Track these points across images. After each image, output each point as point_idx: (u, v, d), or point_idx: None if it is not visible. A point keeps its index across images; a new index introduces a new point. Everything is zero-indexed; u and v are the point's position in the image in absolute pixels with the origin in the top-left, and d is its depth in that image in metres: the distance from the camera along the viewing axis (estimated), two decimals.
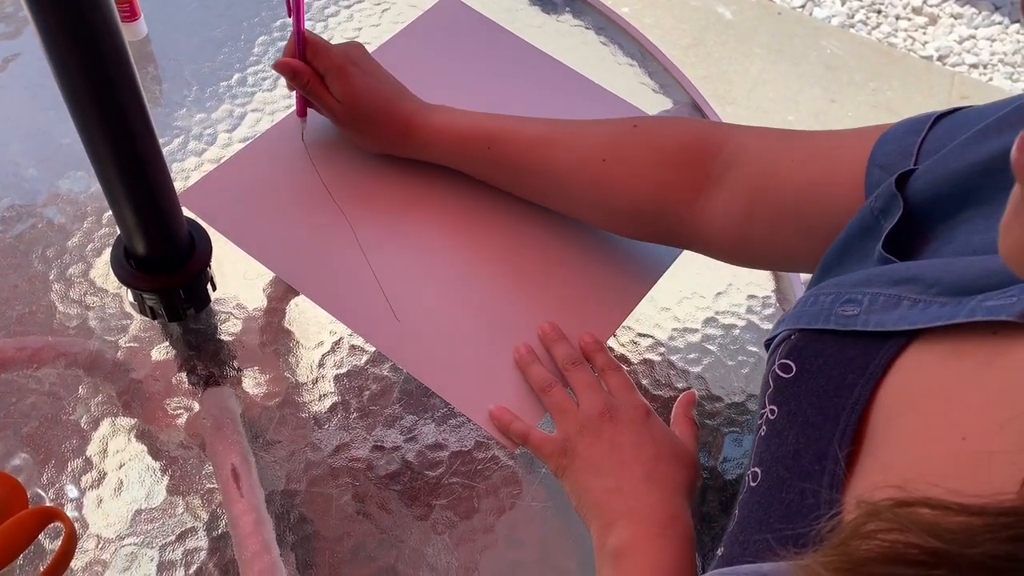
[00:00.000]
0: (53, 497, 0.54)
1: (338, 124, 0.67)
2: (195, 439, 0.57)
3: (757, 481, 0.40)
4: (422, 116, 0.65)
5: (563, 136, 0.62)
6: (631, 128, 0.60)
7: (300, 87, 0.65)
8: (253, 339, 0.61)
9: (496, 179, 0.66)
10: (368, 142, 0.67)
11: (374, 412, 0.59)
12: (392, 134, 0.66)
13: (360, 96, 0.64)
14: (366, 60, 0.66)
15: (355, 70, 0.64)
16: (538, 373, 0.59)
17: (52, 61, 0.43)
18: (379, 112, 0.64)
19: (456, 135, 0.64)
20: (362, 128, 0.66)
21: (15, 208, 0.65)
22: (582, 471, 0.53)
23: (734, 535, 0.40)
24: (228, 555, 0.53)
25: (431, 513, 0.55)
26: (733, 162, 0.55)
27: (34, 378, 0.58)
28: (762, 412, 0.42)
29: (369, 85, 0.64)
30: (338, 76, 0.63)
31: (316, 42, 0.63)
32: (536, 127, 0.63)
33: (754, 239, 0.54)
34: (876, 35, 2.09)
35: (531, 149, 0.62)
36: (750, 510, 0.40)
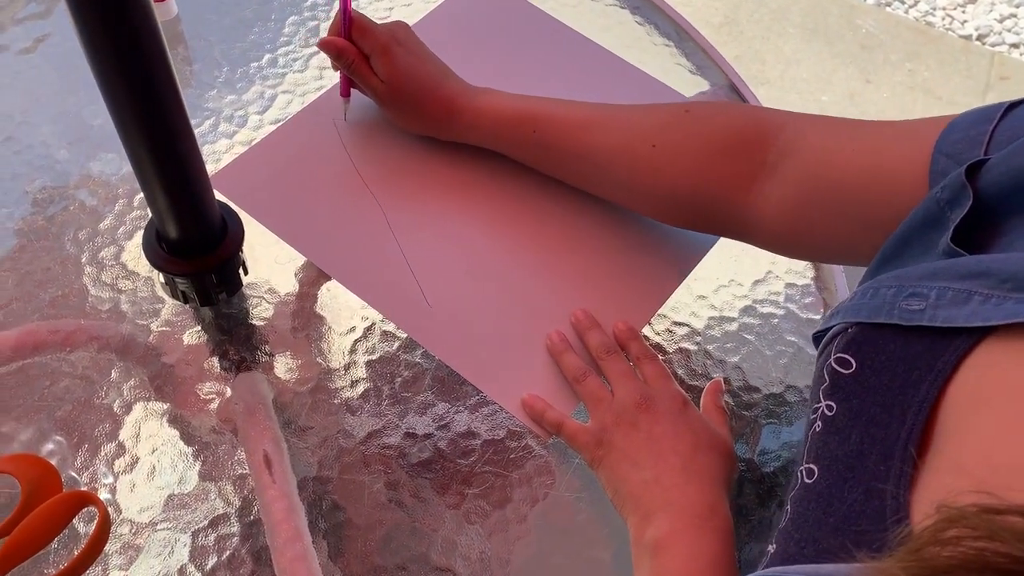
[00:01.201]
0: (87, 481, 0.54)
1: (381, 105, 0.66)
2: (227, 424, 0.56)
3: (814, 478, 0.39)
4: (466, 98, 0.64)
5: (612, 120, 0.60)
6: (683, 113, 0.59)
7: (344, 66, 0.64)
8: (285, 324, 0.61)
9: (541, 163, 0.65)
10: (410, 123, 0.66)
11: (406, 399, 0.58)
12: (435, 116, 0.65)
13: (404, 76, 0.63)
14: (411, 40, 0.65)
15: (400, 50, 0.63)
16: (572, 361, 0.58)
17: (84, 41, 0.42)
18: (423, 93, 0.64)
19: (501, 117, 0.63)
20: (405, 109, 0.65)
21: (47, 190, 0.65)
22: (619, 462, 0.52)
23: (788, 532, 0.39)
24: (260, 542, 0.52)
25: (463, 502, 0.55)
26: (790, 150, 0.53)
27: (67, 361, 0.58)
28: (816, 407, 0.41)
29: (413, 65, 0.63)
30: (383, 56, 0.62)
31: (362, 21, 0.63)
32: (583, 110, 0.62)
33: (809, 229, 0.53)
34: (913, 13, 2.04)
35: (578, 133, 0.61)
36: (805, 507, 0.38)
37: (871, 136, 0.50)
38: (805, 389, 0.61)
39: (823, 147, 0.52)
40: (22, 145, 0.67)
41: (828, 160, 0.51)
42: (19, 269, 0.61)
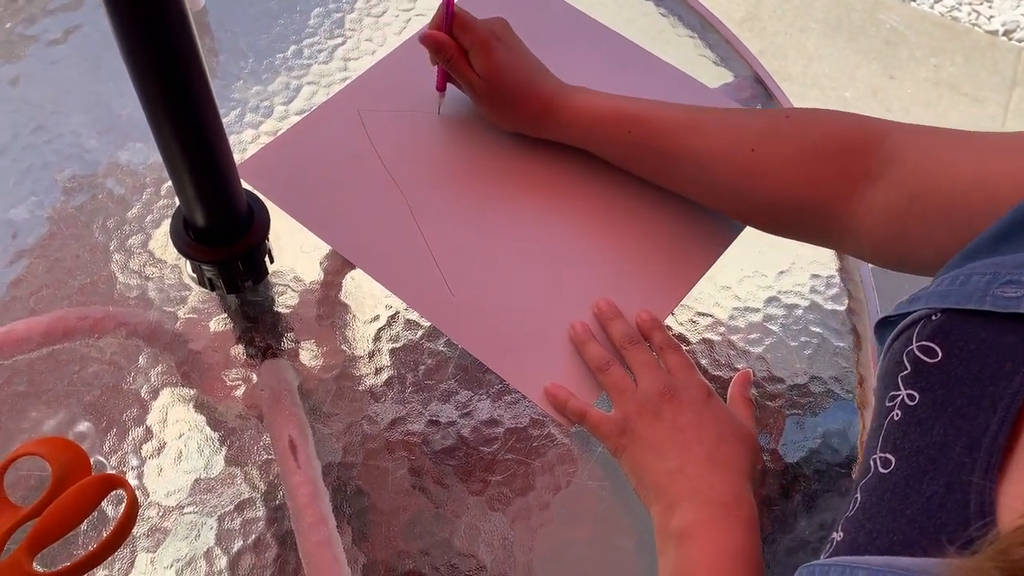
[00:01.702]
0: (115, 465, 0.55)
1: (476, 100, 0.66)
2: (253, 410, 0.57)
3: (890, 468, 0.38)
4: (562, 96, 0.64)
5: (710, 123, 0.60)
6: (783, 118, 0.58)
7: (443, 61, 0.64)
8: (310, 312, 0.61)
9: (635, 164, 0.65)
10: (504, 120, 0.67)
11: (429, 387, 0.59)
12: (530, 113, 0.65)
13: (502, 73, 0.63)
14: (510, 37, 0.65)
15: (499, 46, 0.63)
16: (595, 351, 0.58)
17: (116, 32, 0.43)
18: (519, 90, 0.64)
19: (597, 117, 0.63)
20: (500, 105, 0.65)
21: (76, 179, 0.66)
22: (642, 451, 0.52)
23: (858, 521, 0.38)
24: (285, 526, 0.53)
25: (486, 489, 0.55)
26: (893, 159, 0.52)
27: (96, 347, 0.59)
28: (895, 395, 0.40)
29: (512, 62, 0.64)
30: (482, 51, 0.63)
31: (463, 17, 0.63)
32: (680, 112, 0.61)
33: (910, 238, 0.51)
34: (939, 8, 2.02)
35: (675, 134, 0.60)
36: (879, 497, 0.38)
37: (974, 147, 0.49)
38: (829, 380, 0.61)
39: (926, 156, 0.50)
40: (52, 134, 0.68)
41: (931, 170, 0.50)
42: (49, 256, 0.62)
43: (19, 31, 0.74)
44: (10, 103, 0.69)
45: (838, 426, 0.59)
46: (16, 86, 0.70)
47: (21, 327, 0.59)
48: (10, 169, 0.66)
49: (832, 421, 0.59)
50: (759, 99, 0.76)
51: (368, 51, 0.75)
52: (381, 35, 0.76)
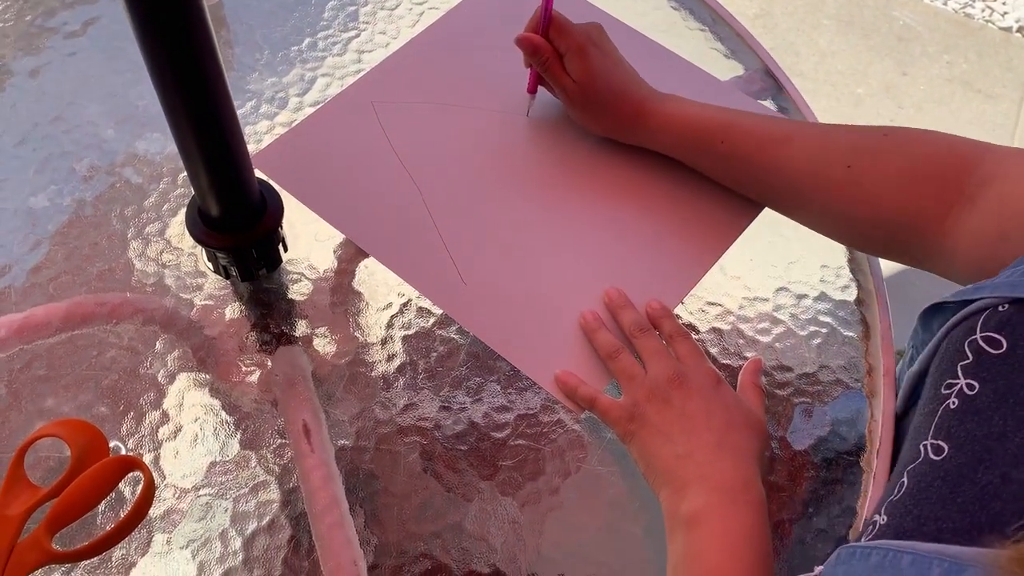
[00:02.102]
0: (132, 447, 0.55)
1: (568, 104, 0.66)
2: (267, 395, 0.58)
3: (942, 456, 0.39)
4: (654, 103, 0.64)
5: (804, 137, 0.60)
6: (880, 136, 0.57)
7: (539, 64, 0.65)
8: (323, 299, 0.62)
9: (725, 174, 0.65)
10: (595, 124, 0.67)
11: (441, 373, 0.59)
12: (622, 119, 0.65)
13: (597, 78, 0.63)
14: (606, 43, 0.65)
15: (595, 51, 0.63)
16: (605, 339, 0.59)
17: (134, 23, 0.44)
18: (613, 96, 0.64)
19: (689, 125, 0.63)
20: (593, 110, 0.65)
21: (94, 168, 0.67)
22: (651, 436, 0.52)
23: (904, 506, 0.38)
24: (299, 508, 0.54)
25: (497, 474, 0.56)
26: (989, 180, 0.52)
27: (113, 332, 0.60)
28: (952, 383, 0.40)
29: (607, 68, 0.64)
30: (578, 56, 0.63)
31: (560, 21, 0.63)
32: (774, 124, 0.61)
33: (1003, 262, 0.49)
34: (952, 5, 2.01)
35: (768, 146, 0.60)
36: (929, 483, 0.38)
37: None
38: (838, 369, 0.61)
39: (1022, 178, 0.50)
40: (71, 124, 0.69)
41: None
42: (68, 244, 0.63)
43: (39, 23, 0.75)
44: (30, 94, 0.71)
45: (847, 415, 0.60)
46: (36, 77, 0.71)
47: (41, 313, 0.60)
48: (30, 158, 0.67)
49: (841, 410, 0.60)
50: (769, 92, 0.76)
51: (382, 44, 0.76)
52: (395, 28, 0.77)
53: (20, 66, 0.72)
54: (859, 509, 0.56)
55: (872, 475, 0.56)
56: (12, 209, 0.64)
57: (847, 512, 0.56)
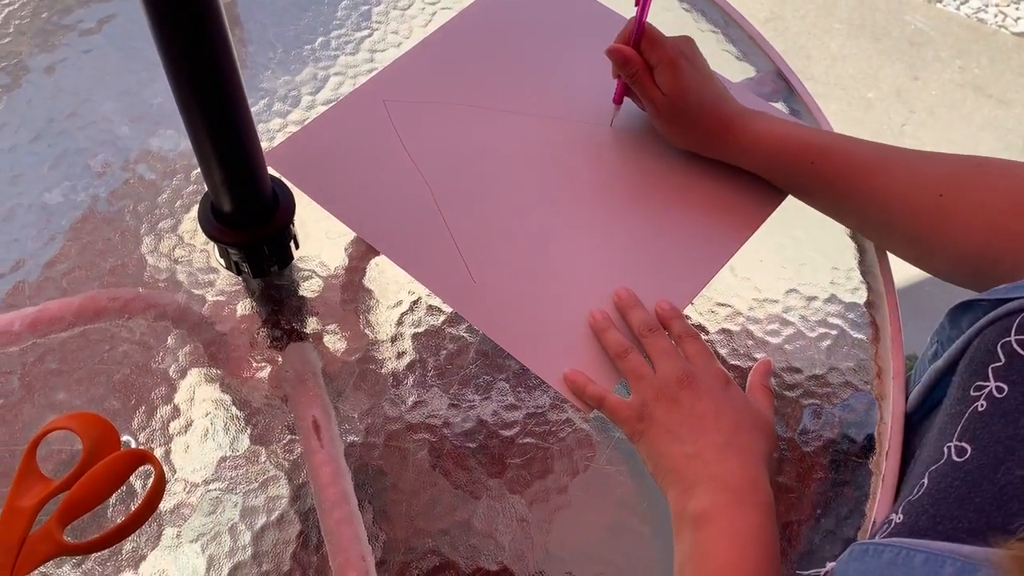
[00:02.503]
0: (143, 441, 0.56)
1: (656, 117, 0.66)
2: (278, 391, 0.58)
3: (965, 457, 0.38)
4: (743, 120, 0.64)
5: (895, 164, 0.59)
6: (975, 166, 0.56)
7: (628, 76, 0.64)
8: (334, 296, 0.62)
9: (814, 195, 0.64)
10: (682, 138, 0.66)
11: (450, 371, 0.60)
12: (710, 134, 0.65)
13: (687, 92, 0.63)
14: (698, 57, 0.65)
15: (687, 65, 0.63)
16: (614, 338, 0.59)
17: (151, 21, 0.44)
18: (702, 111, 0.64)
19: (779, 145, 0.63)
20: (681, 124, 0.65)
21: (109, 164, 0.67)
22: (660, 436, 0.52)
23: (921, 506, 0.38)
24: (308, 503, 0.54)
25: (505, 471, 0.56)
26: None
27: (126, 327, 0.60)
28: (982, 386, 0.40)
29: (698, 82, 0.63)
30: (669, 69, 0.62)
31: (652, 33, 0.63)
32: (866, 149, 0.60)
33: None
34: (965, 10, 2.01)
35: (859, 171, 0.59)
36: (948, 484, 0.38)
37: None
38: (847, 371, 0.61)
39: None
40: (86, 121, 0.70)
41: None
42: (81, 239, 0.64)
43: (55, 20, 0.75)
44: (46, 90, 0.71)
45: (855, 417, 0.60)
46: (52, 74, 0.72)
47: (54, 307, 0.60)
48: (45, 154, 0.68)
49: (849, 412, 0.60)
50: (781, 94, 0.76)
51: (394, 43, 0.76)
52: (407, 27, 0.77)
53: (36, 63, 0.73)
54: (868, 511, 0.56)
55: (881, 477, 0.56)
56: (27, 204, 0.65)
57: (856, 514, 0.56)
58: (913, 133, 1.76)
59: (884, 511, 0.55)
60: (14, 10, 0.76)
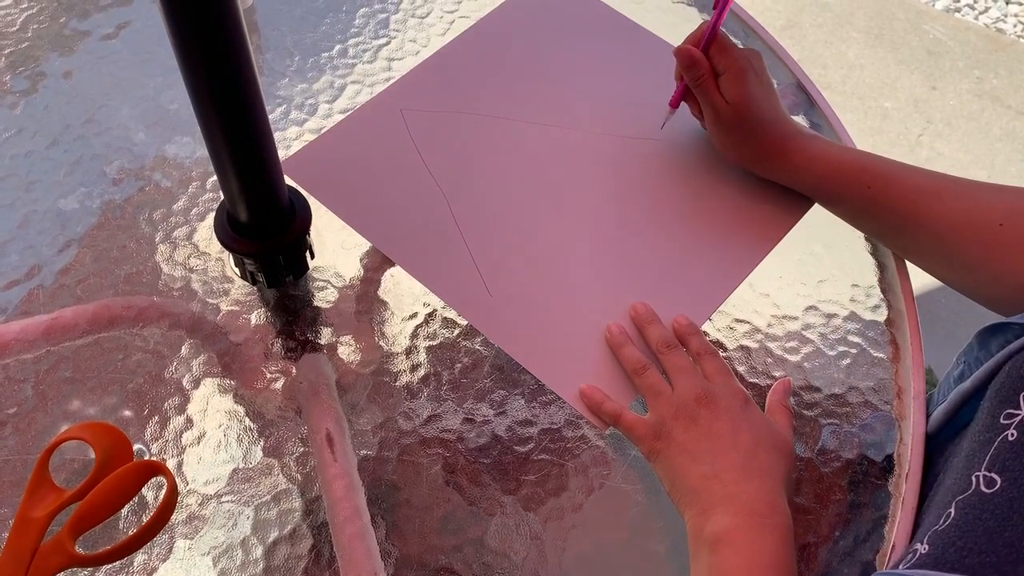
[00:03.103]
0: (156, 452, 0.56)
1: (714, 126, 0.64)
2: (291, 403, 0.58)
3: (994, 488, 0.38)
4: (800, 140, 0.63)
5: (955, 191, 0.58)
6: None
7: (692, 79, 0.63)
8: (349, 307, 0.62)
9: (869, 221, 0.63)
10: (735, 151, 0.65)
11: (465, 385, 0.59)
12: (765, 150, 0.63)
13: (750, 104, 0.62)
14: (764, 71, 0.64)
15: (754, 77, 0.62)
16: (631, 354, 0.58)
17: (169, 27, 0.44)
18: (761, 125, 0.62)
19: (836, 167, 0.61)
20: (737, 136, 0.63)
21: (125, 171, 0.67)
22: (677, 455, 0.52)
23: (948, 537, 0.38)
24: (321, 518, 0.54)
25: (520, 488, 0.55)
26: None
27: (140, 336, 0.60)
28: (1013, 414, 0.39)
29: (762, 95, 0.62)
30: (736, 78, 0.61)
31: (723, 40, 0.62)
32: (924, 176, 0.59)
33: None
34: (983, 20, 1.99)
35: (917, 197, 0.58)
36: (976, 516, 0.37)
37: None
38: (867, 390, 0.61)
39: None
40: (102, 127, 0.69)
41: None
42: (97, 246, 0.63)
43: (72, 26, 0.75)
44: (63, 96, 0.71)
45: (875, 437, 0.59)
46: (69, 79, 0.72)
47: (68, 314, 0.60)
48: (61, 160, 0.67)
49: (869, 432, 0.59)
50: (801, 107, 0.75)
51: (412, 51, 0.76)
52: (425, 36, 0.77)
53: (53, 68, 0.73)
54: (887, 534, 0.55)
55: (901, 500, 0.55)
56: (43, 211, 0.65)
57: (874, 536, 0.55)
58: (930, 144, 1.74)
59: (904, 534, 0.54)
60: (32, 15, 0.76)
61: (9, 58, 0.73)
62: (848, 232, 0.66)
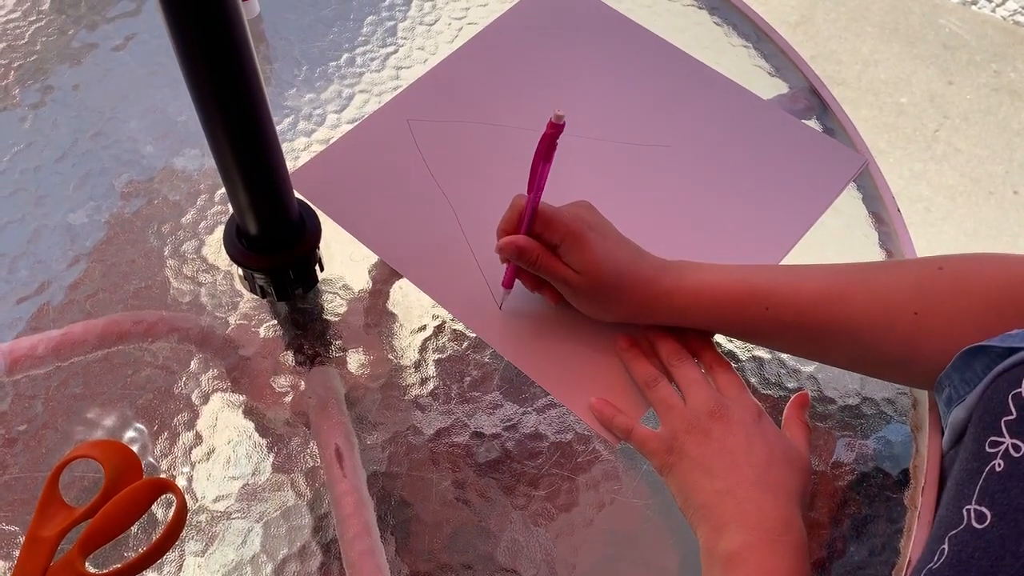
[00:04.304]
0: (165, 468, 0.56)
1: (573, 296, 0.58)
2: (300, 417, 0.58)
3: (985, 524, 0.37)
4: (670, 277, 0.57)
5: (857, 289, 0.54)
6: (937, 272, 0.53)
7: (528, 264, 0.57)
8: (358, 320, 0.62)
9: (773, 340, 0.58)
10: (607, 313, 0.58)
11: (474, 399, 0.59)
12: (637, 301, 0.57)
13: (602, 264, 0.56)
14: (602, 223, 0.58)
15: (593, 236, 0.56)
16: (643, 367, 0.57)
17: (174, 38, 0.43)
18: (623, 279, 0.56)
19: (722, 297, 0.56)
20: (601, 298, 0.57)
21: (133, 184, 0.67)
22: (690, 470, 0.51)
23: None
24: (330, 535, 0.53)
25: (530, 504, 0.55)
26: None
27: (149, 351, 0.60)
28: (998, 442, 0.38)
29: (611, 250, 0.56)
30: (576, 244, 0.55)
31: (548, 212, 0.56)
32: (820, 278, 0.55)
33: None
34: (1000, 12, 1.96)
35: (821, 305, 0.54)
36: (969, 555, 0.37)
37: None
38: (882, 402, 0.60)
39: None
40: (110, 140, 0.69)
41: None
42: (105, 260, 0.63)
43: (81, 38, 0.75)
44: (71, 109, 0.71)
45: (890, 450, 0.58)
46: (77, 92, 0.72)
47: (78, 330, 0.60)
48: (70, 174, 0.67)
49: (884, 444, 0.58)
50: (814, 111, 0.74)
51: (420, 60, 0.75)
52: (433, 44, 0.76)
53: (62, 81, 0.73)
54: (902, 548, 0.54)
55: (917, 513, 0.55)
56: (52, 225, 0.65)
57: (888, 550, 0.54)
58: (947, 139, 1.72)
59: (919, 548, 0.53)
60: (41, 27, 0.76)
61: (18, 72, 0.73)
62: (862, 240, 0.65)
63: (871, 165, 0.70)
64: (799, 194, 0.68)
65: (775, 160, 0.70)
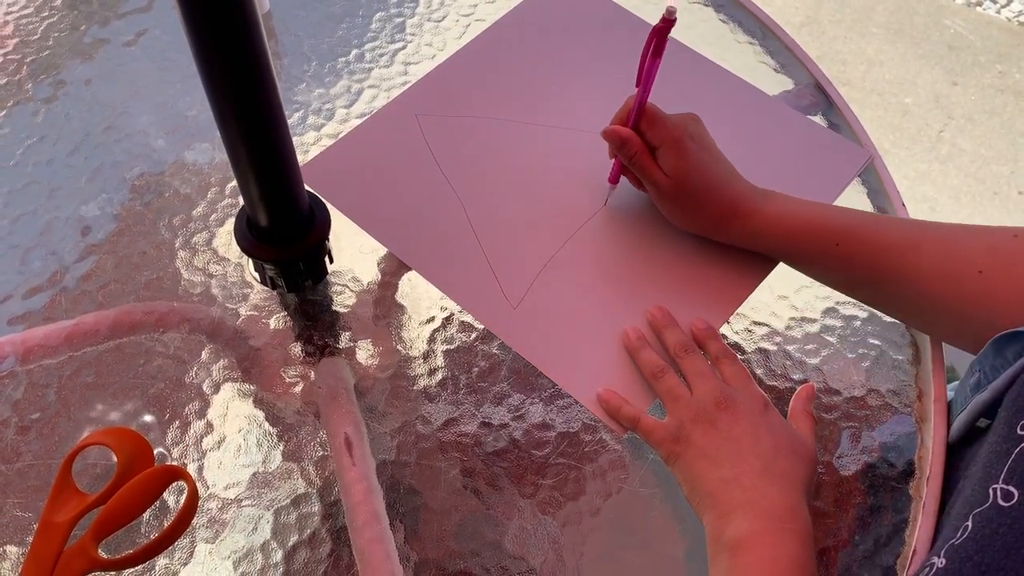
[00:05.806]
0: (177, 456, 0.56)
1: (659, 200, 0.62)
2: (310, 407, 0.58)
3: (1011, 502, 0.37)
4: (754, 202, 0.59)
5: (930, 241, 0.55)
6: (1011, 237, 0.53)
7: (626, 158, 0.60)
8: (367, 312, 0.62)
9: (839, 278, 0.59)
10: (688, 221, 0.62)
11: (482, 389, 0.59)
12: (717, 216, 0.60)
13: (693, 173, 0.59)
14: (704, 136, 0.61)
15: (692, 145, 0.59)
16: (649, 358, 0.58)
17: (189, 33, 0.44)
18: (709, 192, 0.59)
19: (797, 227, 0.58)
20: (686, 206, 0.61)
21: (144, 177, 0.68)
22: (696, 459, 0.52)
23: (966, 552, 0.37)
24: (340, 522, 0.54)
25: (537, 492, 0.55)
26: None
27: (160, 341, 0.60)
28: None
29: (704, 162, 0.59)
30: (672, 149, 0.59)
31: (653, 112, 0.59)
32: (895, 227, 0.57)
33: None
34: (1005, 13, 1.97)
35: (891, 252, 0.56)
36: (993, 531, 0.37)
37: None
38: (887, 393, 0.60)
39: None
40: (122, 134, 0.70)
41: None
42: (117, 252, 0.64)
43: (93, 33, 0.76)
44: (83, 103, 0.72)
45: (895, 440, 0.58)
46: (89, 86, 0.73)
47: (90, 320, 0.61)
48: (82, 167, 0.68)
49: (889, 435, 0.59)
50: (820, 107, 0.75)
51: (428, 55, 0.76)
52: (441, 40, 0.77)
53: (74, 76, 0.73)
54: (907, 538, 0.55)
55: (922, 504, 0.55)
56: (64, 217, 0.65)
57: (894, 540, 0.55)
58: (951, 140, 1.73)
59: (925, 539, 0.53)
60: (53, 23, 0.77)
61: (31, 66, 0.74)
62: None
63: (876, 160, 0.71)
64: (805, 189, 0.68)
65: (781, 155, 0.70)
